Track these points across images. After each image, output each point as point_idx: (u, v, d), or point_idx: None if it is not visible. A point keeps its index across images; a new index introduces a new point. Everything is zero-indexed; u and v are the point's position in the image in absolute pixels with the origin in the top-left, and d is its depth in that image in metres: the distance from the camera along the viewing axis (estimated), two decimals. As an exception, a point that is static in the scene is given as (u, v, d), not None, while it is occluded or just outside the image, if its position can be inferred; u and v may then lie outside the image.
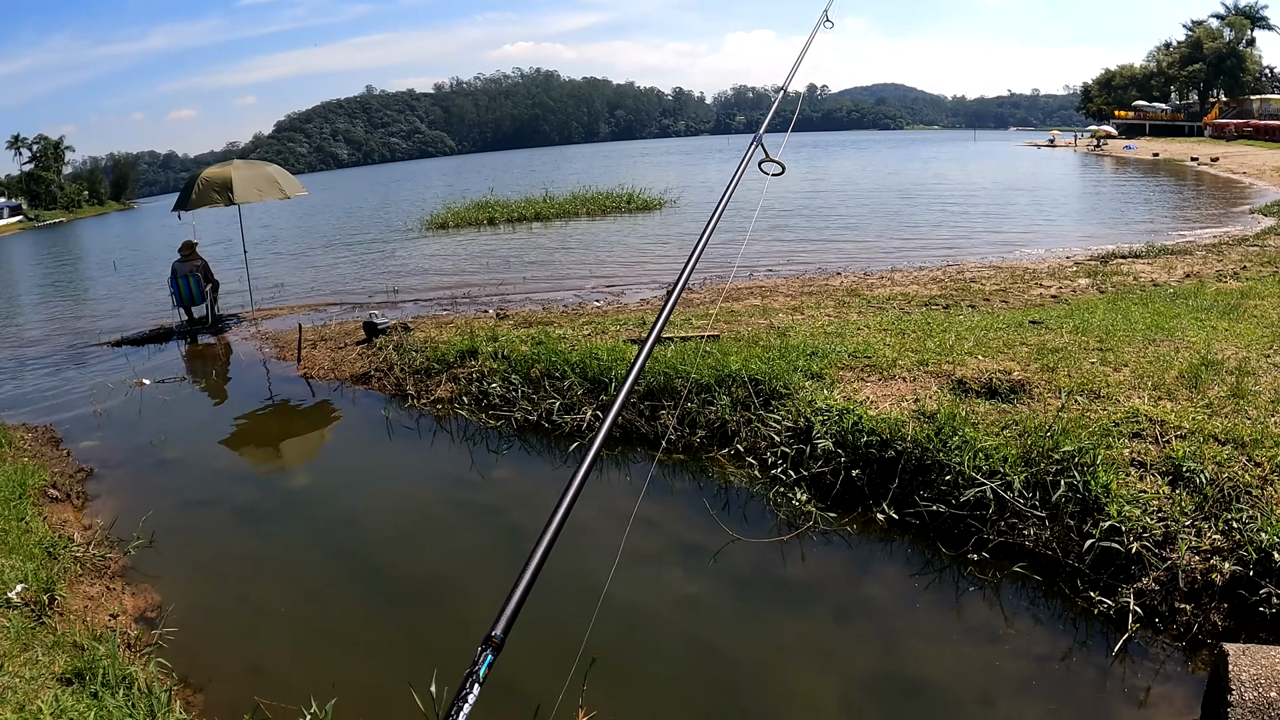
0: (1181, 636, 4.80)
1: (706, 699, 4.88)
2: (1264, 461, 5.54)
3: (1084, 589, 5.22)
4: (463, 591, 6.12)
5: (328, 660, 5.30)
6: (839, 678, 4.93)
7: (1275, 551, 4.75)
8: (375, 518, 7.55)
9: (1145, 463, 5.86)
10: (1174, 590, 4.96)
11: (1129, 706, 4.44)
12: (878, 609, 5.50)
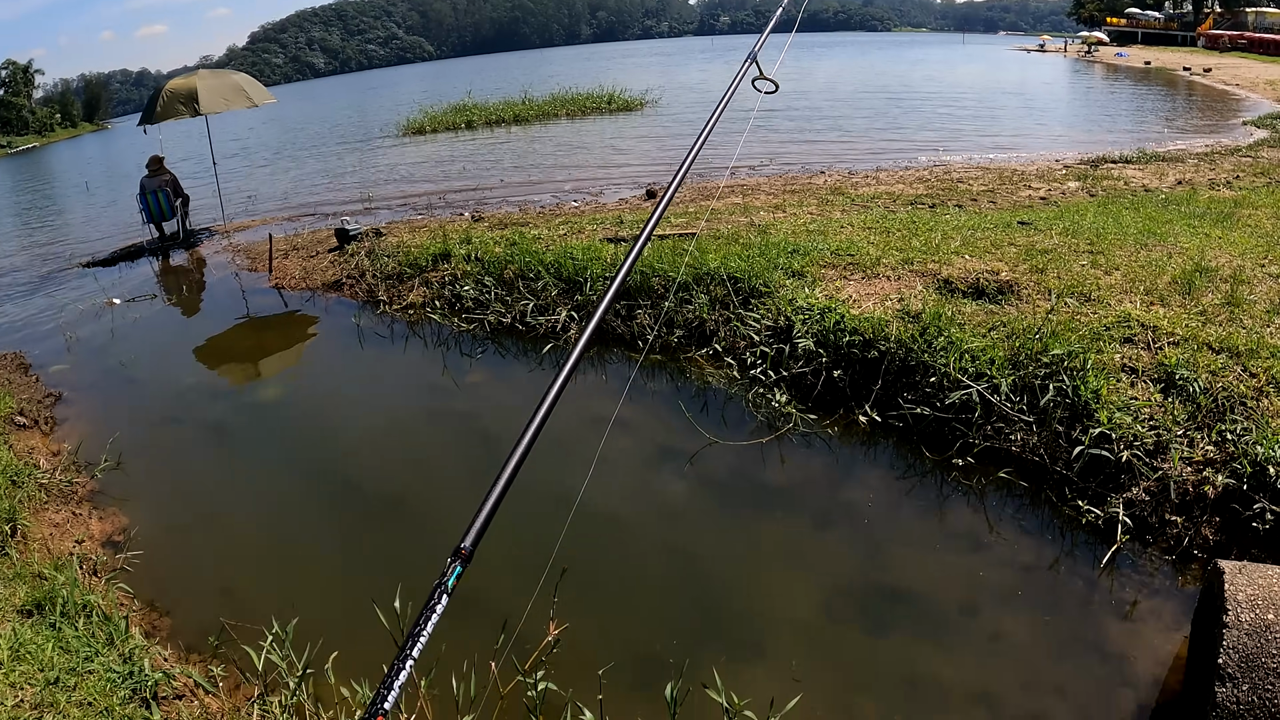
0: (1171, 550, 4.60)
1: (682, 608, 4.68)
2: (1260, 372, 5.30)
3: (1072, 497, 5.02)
4: (434, 503, 5.88)
5: (296, 578, 5.10)
6: (819, 585, 4.73)
7: (1270, 465, 4.52)
8: (346, 429, 7.29)
9: (1137, 369, 5.61)
10: (1164, 502, 4.75)
11: (1116, 620, 4.25)
12: (859, 514, 5.28)
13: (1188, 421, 5.09)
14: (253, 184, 22.62)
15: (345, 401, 7.98)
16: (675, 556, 5.04)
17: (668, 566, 4.99)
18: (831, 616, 4.50)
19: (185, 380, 8.88)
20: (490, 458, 6.27)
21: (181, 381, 8.85)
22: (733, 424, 6.42)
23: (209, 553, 5.45)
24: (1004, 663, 4.13)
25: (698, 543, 5.16)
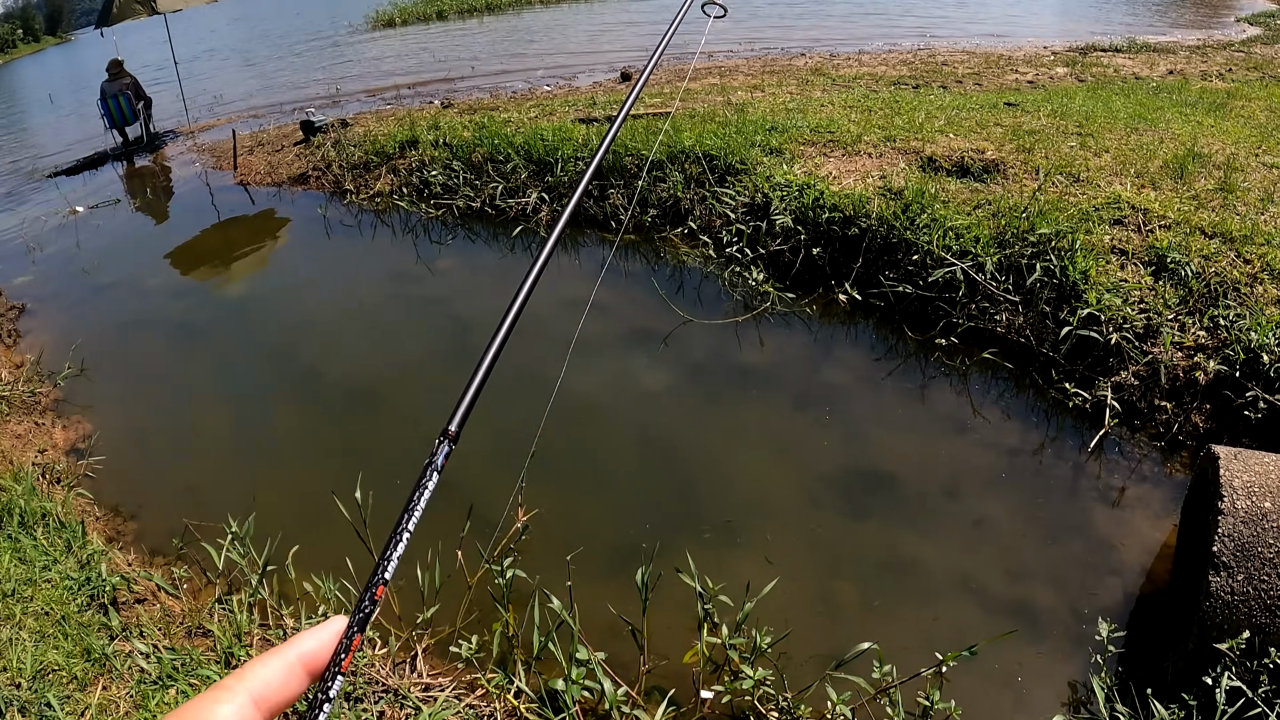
0: (1161, 437, 4.42)
1: (655, 493, 4.46)
2: (1254, 259, 5.05)
3: (1059, 380, 4.80)
4: (404, 391, 5.59)
5: (261, 475, 4.82)
6: (797, 469, 4.52)
7: (1264, 353, 4.32)
8: (314, 322, 6.93)
9: (1127, 251, 5.35)
10: (1154, 387, 4.54)
11: (1103, 506, 4.08)
12: (839, 395, 5.04)
13: (1179, 306, 4.86)
14: (218, 84, 21.33)
15: (312, 294, 7.62)
16: (649, 440, 4.80)
17: (641, 451, 4.75)
18: (810, 500, 4.30)
19: (150, 282, 8.46)
20: (461, 343, 6.00)
21: (146, 284, 8.42)
22: (709, 303, 6.13)
23: (174, 454, 5.17)
24: (988, 548, 3.96)
25: (672, 426, 4.91)
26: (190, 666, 3.36)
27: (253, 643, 3.56)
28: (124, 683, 3.29)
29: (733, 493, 4.36)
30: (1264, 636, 3.05)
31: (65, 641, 3.45)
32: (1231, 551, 3.14)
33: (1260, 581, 3.08)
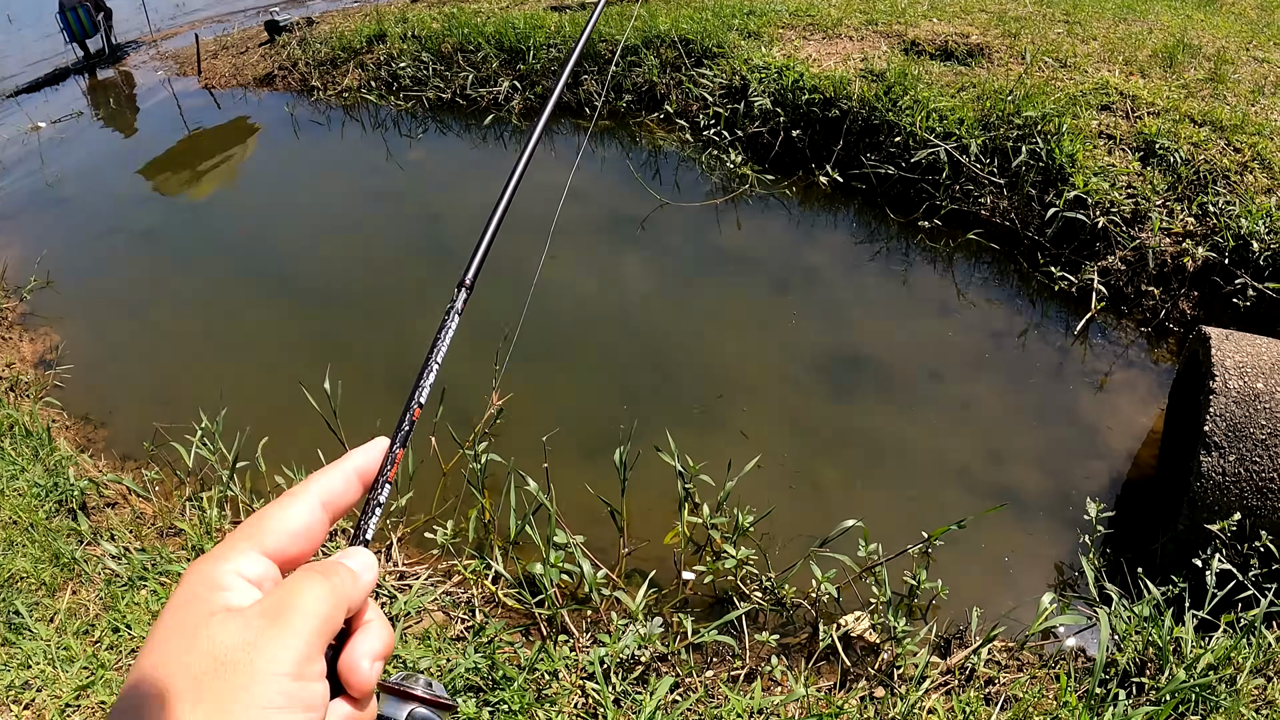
0: (1148, 322, 4.31)
1: (634, 377, 4.29)
2: (1244, 148, 4.89)
3: (1044, 263, 4.65)
4: (375, 285, 5.28)
5: (232, 373, 4.55)
6: (778, 350, 4.36)
7: (1254, 240, 4.19)
8: (282, 220, 6.55)
9: (1115, 136, 5.17)
10: (1142, 272, 4.42)
11: (1088, 389, 3.98)
12: (821, 278, 4.86)
13: (1167, 192, 4.71)
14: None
15: (281, 193, 7.23)
16: (627, 324, 4.61)
17: (619, 335, 4.56)
18: (792, 382, 4.16)
19: (116, 192, 7.94)
20: (433, 234, 5.72)
21: (112, 193, 7.91)
22: (686, 188, 5.89)
23: (145, 359, 4.90)
24: (972, 430, 3.86)
25: (650, 309, 4.72)
26: (160, 565, 3.23)
27: (223, 538, 3.40)
28: (93, 586, 3.17)
29: (713, 376, 4.20)
30: (1255, 519, 2.99)
31: (33, 548, 3.32)
32: (1223, 432, 3.05)
33: (1252, 463, 3.00)
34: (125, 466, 3.93)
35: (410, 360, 4.08)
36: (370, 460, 0.70)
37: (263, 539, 0.60)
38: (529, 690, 2.77)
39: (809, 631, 3.18)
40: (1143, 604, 2.88)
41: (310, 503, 0.64)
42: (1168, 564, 3.09)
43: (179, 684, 0.51)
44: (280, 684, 0.52)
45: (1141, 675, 2.75)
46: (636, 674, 2.90)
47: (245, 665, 0.51)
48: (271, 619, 0.54)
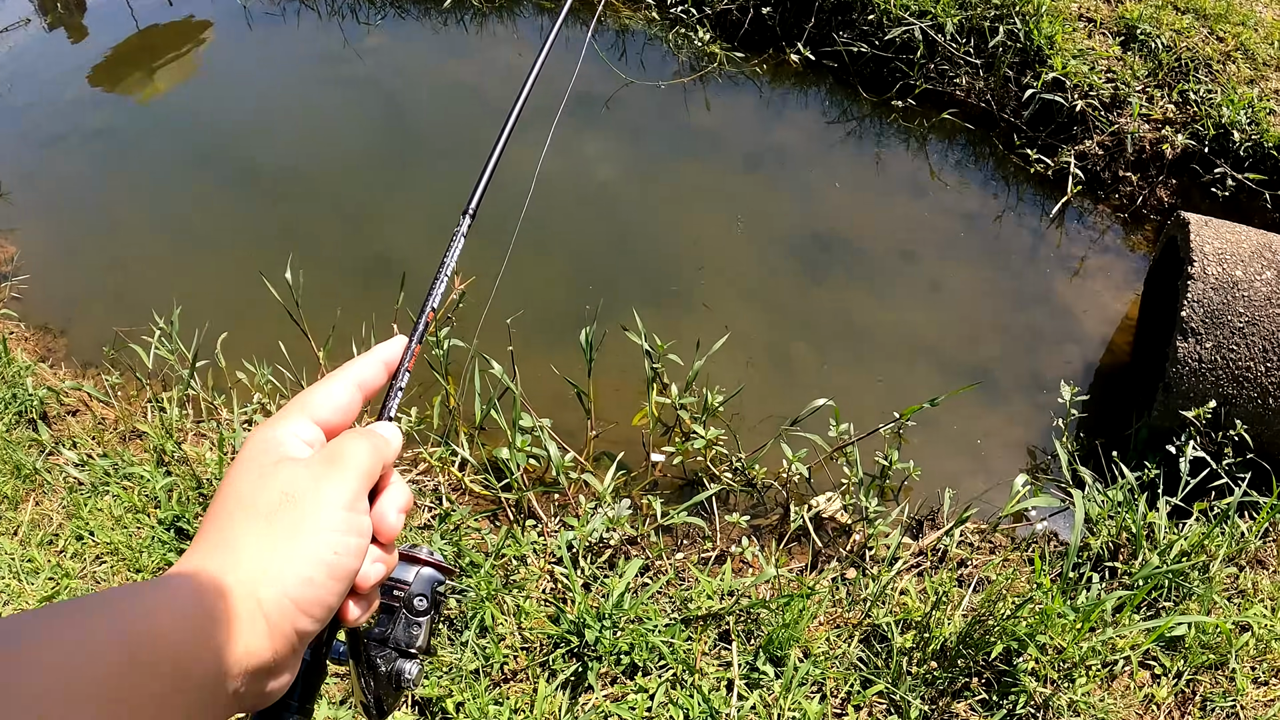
0: (1124, 208, 4.18)
1: (601, 259, 4.08)
2: (1228, 37, 4.70)
3: (1020, 145, 4.46)
4: (334, 176, 4.84)
5: (191, 272, 4.19)
6: (748, 231, 4.15)
7: (1235, 130, 4.05)
8: (237, 114, 5.98)
9: (1095, 20, 4.94)
10: (1119, 157, 4.27)
11: (1063, 274, 3.88)
12: (792, 157, 4.61)
13: (1148, 78, 4.53)
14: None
15: (235, 86, 6.64)
16: (591, 204, 4.35)
17: (583, 215, 4.30)
18: (762, 262, 3.98)
19: (68, 96, 7.28)
20: (392, 123, 5.33)
21: (64, 98, 7.26)
22: (652, 67, 5.54)
23: (104, 265, 4.46)
24: (945, 311, 3.74)
25: (615, 189, 4.44)
26: (123, 469, 3.03)
27: (185, 438, 3.21)
28: (56, 495, 2.98)
29: (680, 256, 4.01)
30: (1230, 407, 2.93)
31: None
32: (1200, 318, 2.97)
33: (1229, 351, 2.93)
34: (87, 374, 3.68)
35: (373, 249, 3.79)
36: (393, 353, 0.80)
37: (312, 410, 0.70)
38: (496, 576, 2.66)
39: (780, 513, 3.10)
40: (1116, 489, 2.82)
41: (348, 383, 0.74)
42: (1141, 450, 3.04)
43: (255, 514, 0.62)
44: (339, 513, 0.64)
45: (1115, 560, 2.72)
46: (605, 557, 2.80)
47: (311, 498, 0.63)
48: (328, 465, 0.66)
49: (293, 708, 0.68)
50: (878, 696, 2.46)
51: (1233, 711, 2.40)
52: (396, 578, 0.82)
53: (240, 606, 0.58)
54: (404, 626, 0.82)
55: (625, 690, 2.45)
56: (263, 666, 0.59)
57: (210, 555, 0.60)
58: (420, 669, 0.83)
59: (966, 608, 2.62)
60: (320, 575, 0.62)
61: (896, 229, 4.11)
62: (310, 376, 3.38)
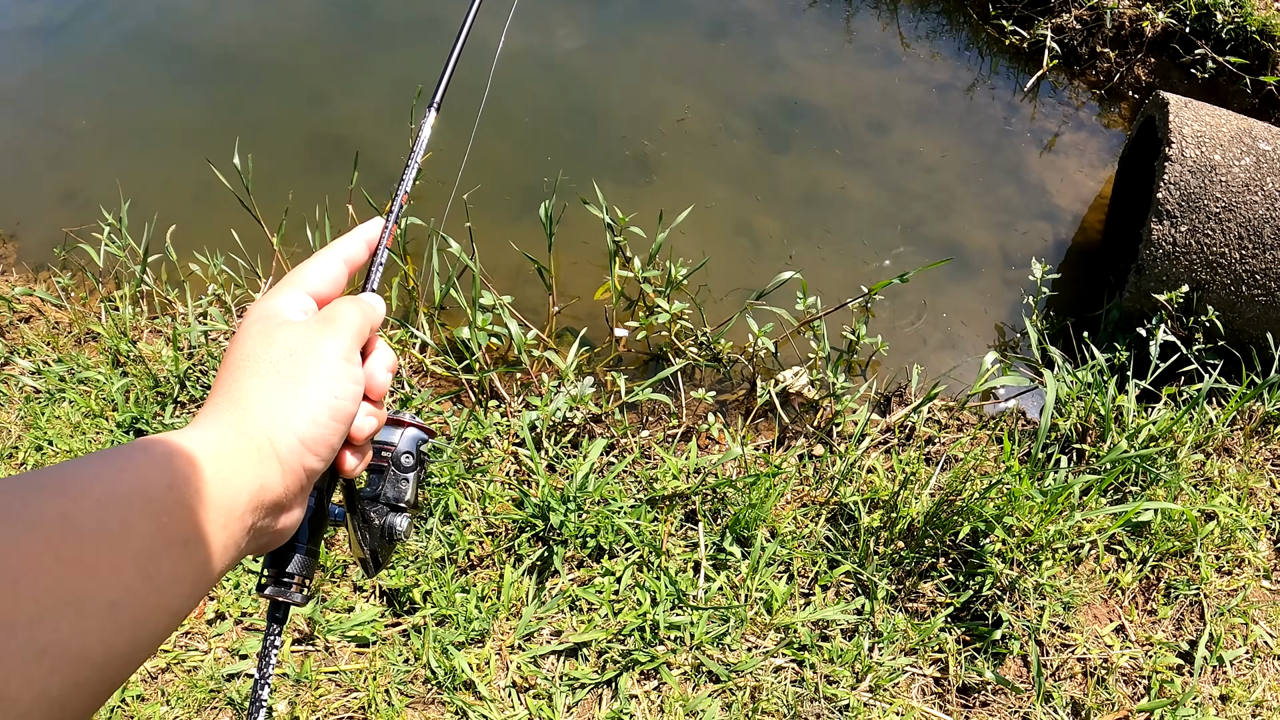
0: (1101, 85, 3.92)
1: (558, 128, 3.74)
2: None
3: (995, 16, 4.14)
4: (281, 57, 4.32)
5: (139, 163, 3.73)
6: (711, 100, 3.83)
7: (1218, 11, 3.79)
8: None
9: (1073, -119, 4.61)
10: (1098, 33, 3.98)
11: (1035, 148, 3.66)
12: (757, 23, 4.24)
13: (1126, -55, 4.25)
14: None
15: None
16: (553, 75, 3.98)
17: (539, 84, 3.94)
18: (727, 130, 3.69)
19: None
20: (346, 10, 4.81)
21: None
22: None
23: (48, 165, 3.88)
24: (915, 184, 3.51)
25: (578, 60, 4.04)
26: (79, 373, 2.77)
27: (141, 336, 2.93)
28: (13, 406, 2.71)
29: (642, 126, 3.69)
30: (1203, 293, 2.79)
31: (-55, 380, 2.77)
32: (1176, 200, 2.80)
33: (1204, 235, 2.78)
34: (38, 278, 3.33)
35: (325, 130, 3.43)
36: (373, 232, 0.84)
37: (304, 283, 0.75)
38: (459, 460, 2.48)
39: (746, 388, 2.94)
40: (1086, 370, 2.70)
41: (335, 258, 0.79)
42: (1112, 331, 2.92)
43: (264, 366, 0.67)
44: (337, 363, 0.69)
45: (1083, 443, 2.62)
46: (569, 437, 2.63)
47: (311, 351, 0.69)
48: (325, 324, 0.71)
49: (300, 547, 0.73)
50: (845, 576, 2.37)
51: (1196, 600, 2.34)
52: (384, 439, 0.86)
53: (256, 446, 0.62)
54: (393, 483, 0.86)
55: (592, 574, 2.32)
56: (277, 501, 0.64)
57: (225, 408, 0.64)
58: (410, 523, 0.87)
59: (934, 487, 2.52)
60: (323, 417, 0.67)
61: (866, 98, 3.83)
62: (265, 264, 3.09)
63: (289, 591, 0.74)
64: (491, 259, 3.04)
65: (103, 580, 0.49)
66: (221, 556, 0.58)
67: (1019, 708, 2.16)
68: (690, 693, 2.15)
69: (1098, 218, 3.41)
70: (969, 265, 3.27)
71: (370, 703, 2.10)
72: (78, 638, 0.47)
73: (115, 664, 0.50)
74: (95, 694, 0.49)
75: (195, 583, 0.56)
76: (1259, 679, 2.21)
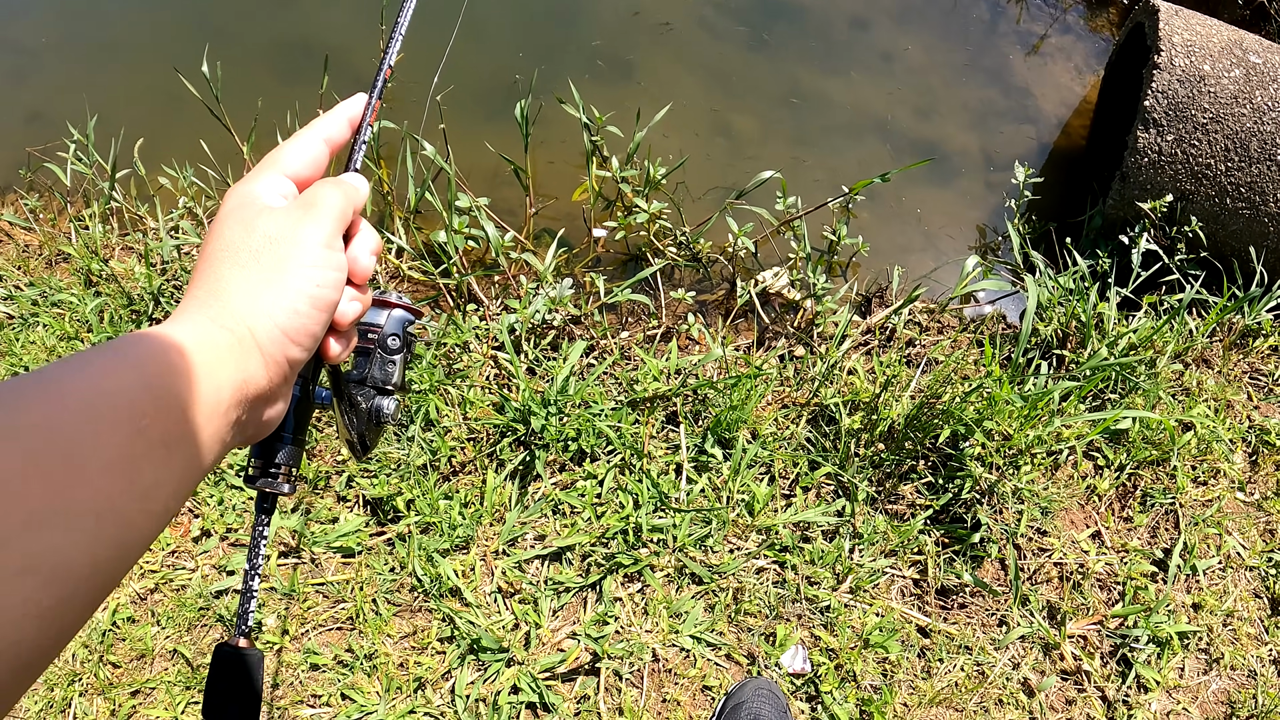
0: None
1: (530, 25, 3.45)
2: None
3: (982, -91, 3.93)
4: None
5: (103, 75, 3.36)
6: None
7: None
8: None
9: None
10: (1082, -76, 3.79)
11: (1020, 51, 3.46)
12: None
13: None
14: None
15: None
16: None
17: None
18: (704, 26, 3.46)
19: None
20: None
21: None
22: None
23: (11, 82, 3.48)
24: (897, 85, 3.32)
25: None
26: (51, 296, 2.55)
27: (113, 254, 2.68)
28: None
29: (617, 23, 3.46)
30: (1186, 204, 2.68)
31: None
32: (1164, 109, 2.67)
33: (1190, 145, 2.65)
34: (5, 200, 3.04)
35: (294, 34, 3.11)
36: (355, 109, 0.76)
37: (283, 165, 0.70)
38: (439, 366, 2.35)
39: (726, 288, 2.81)
40: (1068, 275, 2.61)
41: (315, 139, 0.72)
42: (1094, 238, 2.81)
43: (243, 255, 0.62)
44: (318, 250, 0.65)
45: (1064, 348, 2.54)
46: (549, 339, 2.50)
47: (291, 238, 0.64)
48: (305, 209, 0.66)
49: (286, 438, 0.71)
50: (825, 478, 2.30)
51: (1171, 508, 2.30)
52: (370, 321, 0.83)
53: (237, 339, 0.59)
54: (380, 365, 0.83)
55: (574, 478, 2.22)
56: (261, 394, 0.62)
57: (205, 301, 0.61)
58: (397, 405, 0.84)
59: (914, 389, 2.44)
60: (305, 306, 0.63)
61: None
62: (236, 173, 2.83)
63: (276, 482, 0.72)
64: (467, 160, 2.84)
65: (88, 488, 0.47)
66: (206, 453, 0.56)
67: (996, 610, 2.13)
68: (674, 594, 2.09)
69: (1082, 123, 3.26)
70: (951, 166, 3.11)
71: (358, 612, 2.01)
72: (65, 548, 0.45)
73: (104, 573, 0.48)
74: (86, 604, 0.48)
75: (180, 483, 0.54)
76: (1230, 589, 2.20)
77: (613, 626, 2.02)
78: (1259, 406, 2.55)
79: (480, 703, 1.93)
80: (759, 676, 1.99)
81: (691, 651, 2.02)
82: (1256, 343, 2.64)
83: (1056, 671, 2.07)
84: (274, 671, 1.96)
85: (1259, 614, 2.18)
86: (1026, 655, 2.08)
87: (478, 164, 2.92)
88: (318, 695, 1.94)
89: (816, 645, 2.05)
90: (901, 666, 2.03)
